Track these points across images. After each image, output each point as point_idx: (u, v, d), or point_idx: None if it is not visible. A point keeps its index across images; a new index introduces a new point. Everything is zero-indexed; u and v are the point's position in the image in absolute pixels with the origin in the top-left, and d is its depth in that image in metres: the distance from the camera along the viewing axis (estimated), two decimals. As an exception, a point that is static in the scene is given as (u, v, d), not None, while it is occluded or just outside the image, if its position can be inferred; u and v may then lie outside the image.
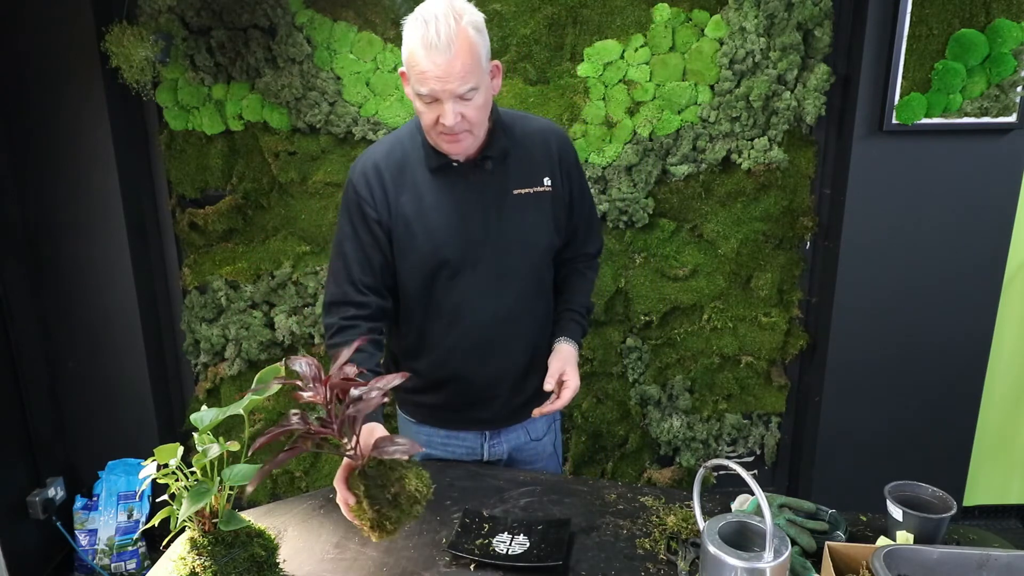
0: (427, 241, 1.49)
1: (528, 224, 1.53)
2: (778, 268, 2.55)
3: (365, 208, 1.48)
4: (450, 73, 1.31)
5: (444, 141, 1.42)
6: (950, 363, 2.50)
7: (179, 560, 1.12)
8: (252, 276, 2.58)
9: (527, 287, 1.57)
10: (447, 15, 1.30)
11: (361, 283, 1.50)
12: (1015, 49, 2.16)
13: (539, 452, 1.74)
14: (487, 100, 1.41)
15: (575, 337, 1.63)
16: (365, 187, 1.48)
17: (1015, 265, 2.51)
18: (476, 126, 1.41)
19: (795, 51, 2.28)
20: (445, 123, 1.35)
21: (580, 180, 1.62)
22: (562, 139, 1.58)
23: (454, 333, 1.56)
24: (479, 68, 1.34)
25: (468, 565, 1.27)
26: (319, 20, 2.32)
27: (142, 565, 2.60)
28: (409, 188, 1.49)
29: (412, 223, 1.48)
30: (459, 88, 1.32)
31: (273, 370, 1.19)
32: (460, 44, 1.30)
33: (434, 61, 1.30)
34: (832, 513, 1.34)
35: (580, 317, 1.66)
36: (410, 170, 1.49)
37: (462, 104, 1.35)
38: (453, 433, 1.67)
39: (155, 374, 2.61)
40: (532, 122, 1.58)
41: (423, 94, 1.35)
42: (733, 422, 2.68)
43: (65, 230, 2.44)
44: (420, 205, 1.48)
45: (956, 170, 2.33)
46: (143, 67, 2.21)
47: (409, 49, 1.34)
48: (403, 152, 1.50)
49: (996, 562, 1.08)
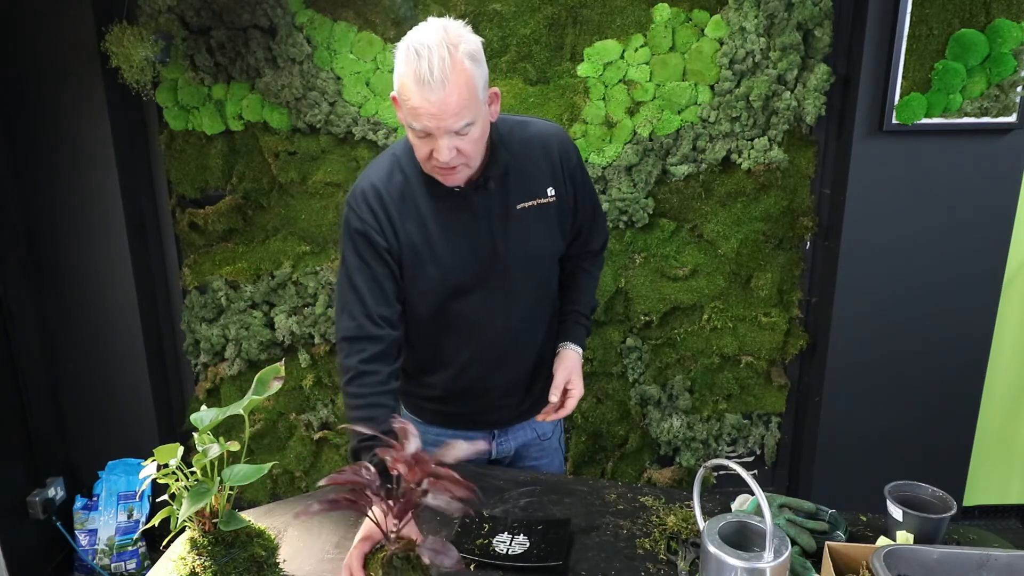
0: (437, 269, 1.45)
1: (534, 237, 1.50)
2: (778, 268, 2.55)
3: (372, 236, 1.41)
4: (444, 111, 1.24)
5: (438, 174, 1.38)
6: (950, 363, 2.50)
7: (179, 560, 1.12)
8: (252, 276, 2.58)
9: (536, 297, 1.57)
10: (440, 45, 1.23)
11: (378, 315, 1.42)
12: (1015, 49, 2.16)
13: (545, 449, 1.75)
14: (484, 132, 1.35)
15: (579, 341, 1.62)
16: (370, 214, 1.41)
17: (1015, 265, 2.51)
18: (472, 159, 1.35)
19: (795, 51, 2.28)
20: (439, 159, 1.30)
21: (583, 180, 1.58)
22: (563, 142, 1.53)
23: (467, 349, 1.55)
24: (475, 101, 1.28)
25: (468, 565, 1.27)
26: (319, 20, 2.32)
27: (142, 565, 2.60)
28: (412, 215, 1.43)
29: (420, 251, 1.44)
30: (454, 125, 1.26)
31: (273, 370, 1.19)
32: (455, 79, 1.23)
33: (427, 98, 1.24)
34: (832, 513, 1.34)
35: (584, 319, 1.65)
36: (411, 196, 1.43)
37: (457, 139, 1.29)
38: (462, 432, 1.66)
39: (155, 374, 2.61)
40: (530, 127, 1.52)
41: (416, 129, 1.29)
42: (733, 422, 2.68)
43: (65, 230, 2.44)
44: (426, 233, 1.44)
45: (956, 170, 2.33)
46: (143, 67, 2.21)
47: (401, 80, 1.27)
48: (403, 177, 1.44)
49: (996, 562, 1.08)
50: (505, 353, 1.57)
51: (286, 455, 2.69)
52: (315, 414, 2.68)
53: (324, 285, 2.56)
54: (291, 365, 2.65)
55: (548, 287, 1.61)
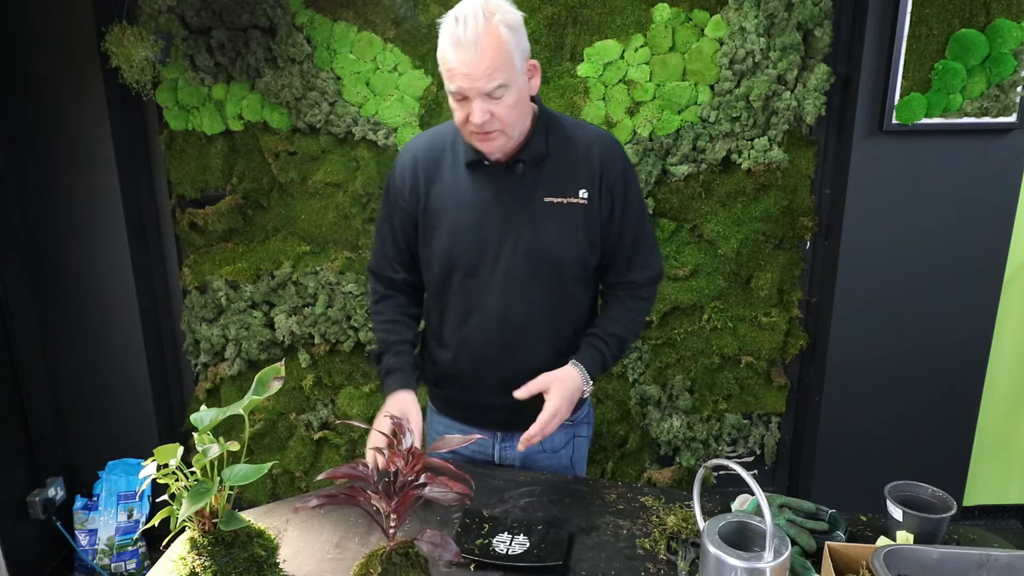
0: (444, 236, 1.50)
1: (552, 233, 1.47)
2: (778, 268, 2.55)
3: (398, 199, 1.55)
4: (476, 70, 1.31)
5: (476, 140, 1.41)
6: (950, 363, 2.50)
7: (179, 560, 1.12)
8: (252, 276, 2.58)
9: (546, 298, 1.51)
10: (477, 14, 1.30)
11: (395, 260, 1.61)
12: (1015, 49, 2.16)
13: (553, 464, 1.67)
14: (520, 100, 1.38)
15: (586, 363, 1.51)
16: (400, 178, 1.54)
17: (1015, 265, 2.51)
18: (508, 126, 1.38)
19: (795, 51, 2.28)
20: (473, 121, 1.35)
21: (626, 198, 1.51)
22: (610, 150, 1.50)
23: (464, 331, 1.55)
24: (509, 66, 1.33)
25: (468, 565, 1.27)
26: (319, 20, 2.32)
27: (142, 565, 2.60)
28: (439, 182, 1.51)
29: (436, 217, 1.51)
30: (486, 86, 1.32)
31: (273, 370, 1.19)
32: (488, 41, 1.30)
33: (461, 59, 1.31)
34: (832, 513, 1.34)
35: (601, 343, 1.53)
36: (445, 164, 1.51)
37: (491, 103, 1.34)
38: (467, 429, 1.64)
39: (155, 374, 2.61)
40: (580, 128, 1.52)
41: (452, 91, 1.36)
42: (733, 422, 2.68)
43: (65, 230, 2.44)
44: (446, 200, 1.50)
45: (956, 170, 2.33)
46: (143, 67, 2.21)
47: (441, 49, 1.35)
48: (442, 146, 1.53)
49: (996, 562, 1.08)
50: (499, 348, 1.53)
51: (286, 455, 2.70)
52: (315, 414, 2.68)
53: (324, 285, 2.56)
54: (291, 365, 2.65)
55: (565, 294, 1.53)
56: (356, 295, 2.55)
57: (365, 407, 2.63)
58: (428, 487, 1.06)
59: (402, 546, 1.10)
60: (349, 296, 2.55)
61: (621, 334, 1.56)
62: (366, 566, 1.11)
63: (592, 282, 1.60)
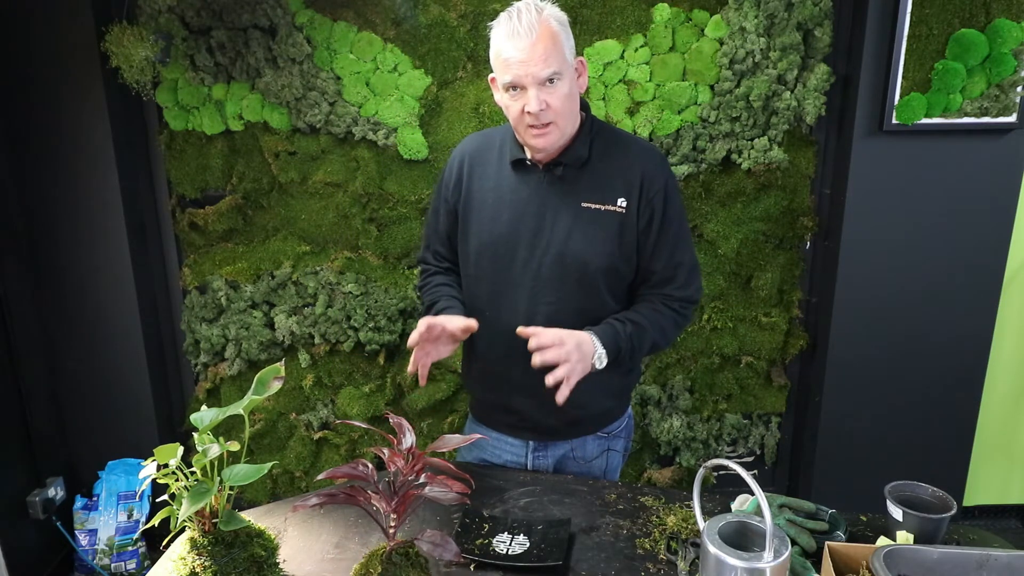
0: (479, 230, 1.54)
1: (585, 238, 1.47)
2: (778, 268, 2.55)
3: (445, 193, 1.62)
4: (532, 57, 1.35)
5: (531, 135, 1.43)
6: (950, 363, 2.50)
7: (179, 560, 1.12)
8: (252, 276, 2.58)
9: (571, 303, 1.49)
10: (529, 8, 1.38)
11: (435, 251, 1.69)
12: (1015, 49, 2.16)
13: (585, 475, 1.65)
14: (572, 92, 1.42)
15: (600, 334, 1.44)
16: (449, 172, 1.61)
17: (1015, 265, 2.51)
18: (561, 117, 1.41)
19: (795, 51, 2.28)
20: (530, 109, 1.38)
21: (665, 212, 1.49)
22: (654, 164, 1.49)
23: (486, 328, 1.53)
24: (561, 55, 1.38)
25: (468, 565, 1.27)
26: (319, 20, 2.32)
27: (142, 565, 2.60)
28: (483, 178, 1.55)
29: (474, 211, 1.55)
30: (541, 72, 1.36)
31: (273, 370, 1.19)
32: (541, 31, 1.36)
33: (516, 47, 1.36)
34: (832, 513, 1.34)
35: (616, 321, 1.49)
36: (491, 162, 1.56)
37: (546, 91, 1.38)
38: (502, 437, 1.65)
39: (155, 374, 2.61)
40: (626, 139, 1.53)
41: (508, 83, 1.40)
42: (733, 422, 2.68)
43: (65, 230, 2.44)
44: (486, 196, 1.54)
45: (956, 170, 2.33)
46: (143, 67, 2.21)
47: (495, 47, 1.41)
48: (491, 145, 1.57)
49: (996, 562, 1.08)
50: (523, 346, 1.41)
51: (286, 455, 2.70)
52: (315, 414, 2.68)
53: (324, 285, 2.56)
54: (291, 365, 2.65)
55: (592, 301, 1.51)
56: (356, 295, 2.54)
57: (365, 407, 2.63)
58: (428, 487, 1.07)
59: (402, 546, 1.10)
60: (349, 296, 2.55)
61: (640, 322, 1.50)
62: (366, 566, 1.11)
63: (626, 297, 1.57)
